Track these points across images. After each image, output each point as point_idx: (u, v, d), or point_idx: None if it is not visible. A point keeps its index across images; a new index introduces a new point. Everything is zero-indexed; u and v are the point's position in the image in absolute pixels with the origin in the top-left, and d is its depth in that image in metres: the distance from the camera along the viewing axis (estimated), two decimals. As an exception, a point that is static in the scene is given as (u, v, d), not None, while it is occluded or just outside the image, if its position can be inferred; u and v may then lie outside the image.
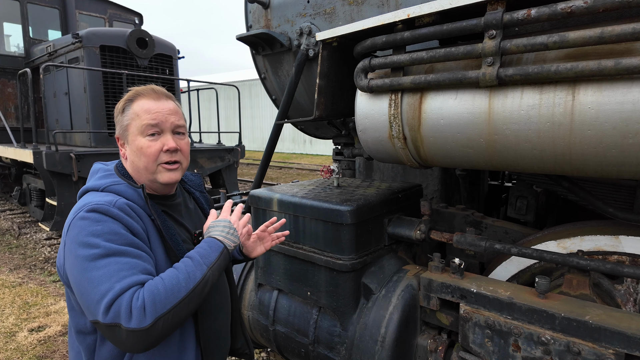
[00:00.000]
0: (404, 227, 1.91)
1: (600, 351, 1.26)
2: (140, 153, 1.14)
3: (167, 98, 1.19)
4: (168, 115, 1.15)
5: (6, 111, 7.65)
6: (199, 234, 1.29)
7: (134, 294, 0.96)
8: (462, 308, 1.58)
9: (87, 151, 5.54)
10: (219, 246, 1.12)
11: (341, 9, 2.41)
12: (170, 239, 1.16)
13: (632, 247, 1.59)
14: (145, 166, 1.15)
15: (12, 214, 7.96)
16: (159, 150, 1.14)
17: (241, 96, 9.82)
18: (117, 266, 0.98)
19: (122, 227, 1.04)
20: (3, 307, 4.02)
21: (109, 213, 1.04)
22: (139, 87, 1.19)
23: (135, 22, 9.11)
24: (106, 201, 1.06)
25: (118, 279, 0.96)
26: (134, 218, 1.08)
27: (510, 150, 1.42)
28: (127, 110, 1.16)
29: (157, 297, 0.96)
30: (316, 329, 1.91)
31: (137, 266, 1.01)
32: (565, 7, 1.17)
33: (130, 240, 1.04)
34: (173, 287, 0.99)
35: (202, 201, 1.44)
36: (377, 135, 1.75)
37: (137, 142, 1.14)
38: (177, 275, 1.02)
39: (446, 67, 1.55)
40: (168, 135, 1.16)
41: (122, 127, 1.17)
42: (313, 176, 13.35)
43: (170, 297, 0.98)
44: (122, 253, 1.00)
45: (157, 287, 0.98)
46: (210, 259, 1.08)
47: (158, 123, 1.14)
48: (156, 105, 1.15)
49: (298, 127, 3.41)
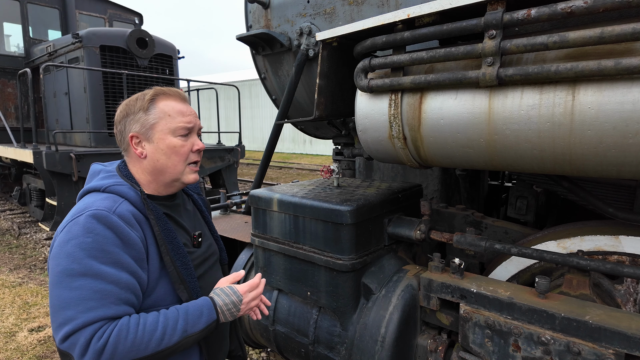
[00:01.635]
0: (404, 227, 1.91)
1: (600, 351, 1.26)
2: (172, 152, 1.14)
3: (187, 101, 1.23)
4: (195, 118, 1.19)
5: (6, 111, 7.65)
6: (198, 235, 1.28)
7: (96, 332, 0.93)
8: (462, 308, 1.58)
9: (87, 151, 5.54)
10: (211, 318, 1.08)
11: (341, 9, 2.41)
12: (171, 242, 1.13)
13: (632, 247, 1.59)
14: (175, 165, 1.16)
15: (12, 214, 7.96)
16: (190, 150, 1.17)
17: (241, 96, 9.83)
18: (88, 293, 0.95)
19: (114, 240, 1.01)
20: (3, 307, 4.01)
21: (106, 220, 1.01)
22: (160, 87, 1.19)
23: (135, 22, 9.11)
24: (106, 206, 1.04)
25: (85, 309, 0.94)
26: (133, 226, 1.06)
27: (510, 151, 1.42)
28: (152, 109, 1.14)
29: (122, 345, 0.93)
30: (316, 329, 1.91)
31: (110, 295, 0.97)
32: (565, 7, 1.17)
33: (115, 259, 1.00)
34: (142, 343, 0.96)
35: (200, 203, 1.43)
36: (377, 135, 1.75)
37: (169, 141, 1.14)
38: (153, 330, 0.98)
39: (446, 67, 1.54)
40: (194, 136, 1.19)
41: (146, 126, 1.14)
42: (313, 176, 13.35)
43: (136, 350, 0.95)
44: (99, 276, 0.97)
45: (127, 333, 0.95)
46: (196, 327, 1.05)
47: (193, 126, 1.17)
48: (187, 108, 1.18)
49: (298, 127, 3.41)
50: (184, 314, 1.05)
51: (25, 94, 7.22)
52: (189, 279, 1.15)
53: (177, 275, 1.11)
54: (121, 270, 1.00)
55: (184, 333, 1.02)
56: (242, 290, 1.17)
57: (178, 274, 1.12)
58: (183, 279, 1.12)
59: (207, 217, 1.43)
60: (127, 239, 1.03)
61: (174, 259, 1.12)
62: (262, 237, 2.12)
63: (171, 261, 1.11)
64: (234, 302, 1.13)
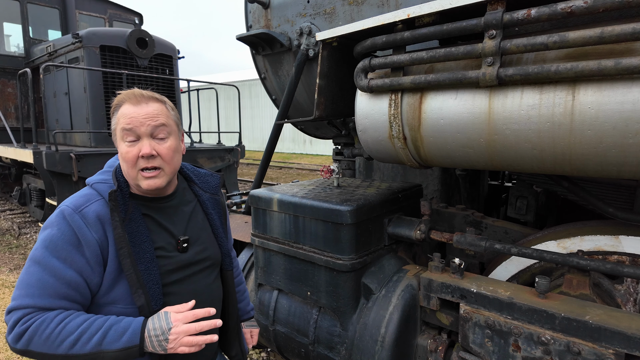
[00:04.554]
0: (404, 227, 1.91)
1: (600, 351, 1.26)
2: (122, 159, 1.12)
3: (148, 101, 1.13)
4: (144, 119, 1.10)
5: (6, 111, 7.64)
6: (183, 240, 1.21)
7: (23, 317, 1.01)
8: (462, 308, 1.58)
9: (87, 151, 5.53)
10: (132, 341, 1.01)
11: (341, 9, 2.41)
12: (136, 245, 1.10)
13: (632, 247, 1.59)
14: (127, 172, 1.13)
15: (12, 214, 7.96)
16: (136, 156, 1.10)
17: (241, 96, 9.82)
18: (33, 280, 1.03)
19: (70, 238, 1.06)
20: (3, 307, 4.02)
21: (70, 218, 1.07)
22: (124, 91, 1.15)
23: (135, 22, 9.10)
24: (76, 204, 1.10)
25: (25, 294, 1.02)
26: (93, 228, 1.08)
27: (510, 150, 1.42)
28: (114, 115, 1.14)
29: (37, 337, 0.99)
30: (316, 329, 1.91)
31: (49, 288, 1.03)
32: (565, 7, 1.17)
33: (65, 256, 1.05)
34: (54, 341, 0.99)
35: (208, 205, 1.35)
36: (377, 135, 1.75)
37: (120, 147, 1.12)
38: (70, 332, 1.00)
39: (446, 67, 1.55)
40: (145, 140, 1.11)
41: (113, 132, 1.17)
42: (313, 176, 13.35)
43: (46, 346, 0.99)
44: (47, 268, 1.04)
45: (46, 328, 0.99)
46: (113, 346, 1.00)
47: (132, 128, 1.10)
48: (134, 109, 1.11)
49: (298, 127, 3.41)
50: (107, 328, 1.02)
51: (25, 94, 7.22)
52: (150, 285, 1.10)
53: (135, 278, 1.08)
54: (68, 267, 1.05)
55: (98, 346, 1.00)
56: (175, 318, 1.05)
57: (137, 277, 1.08)
58: (142, 283, 1.08)
59: (214, 220, 1.35)
60: (85, 239, 1.07)
61: (136, 262, 1.08)
62: (262, 237, 2.12)
63: (131, 264, 1.08)
64: (163, 330, 1.03)
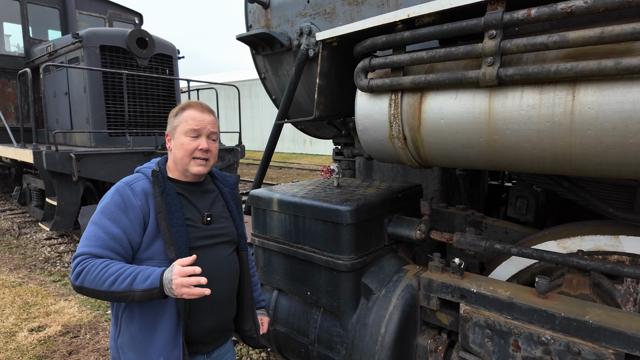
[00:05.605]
0: (404, 227, 1.91)
1: (600, 351, 1.26)
2: (181, 147, 1.49)
3: (209, 112, 1.55)
4: (207, 124, 1.51)
5: (6, 111, 7.64)
6: (207, 215, 1.54)
7: (82, 261, 1.33)
8: (462, 308, 1.58)
9: (87, 151, 5.53)
10: (153, 284, 1.30)
11: (341, 8, 2.41)
12: (171, 212, 1.42)
13: (632, 247, 1.59)
14: (182, 158, 1.49)
15: (12, 214, 7.97)
16: (195, 148, 1.49)
17: (241, 96, 9.82)
18: (91, 235, 1.37)
19: (120, 204, 1.40)
20: (3, 307, 4.02)
21: (122, 190, 1.43)
22: (190, 100, 1.59)
23: (135, 22, 9.09)
24: (127, 181, 1.46)
25: (84, 245, 1.36)
26: (138, 197, 1.42)
27: (510, 150, 1.42)
28: (179, 115, 1.52)
29: (87, 276, 1.31)
30: (316, 329, 1.91)
31: (101, 240, 1.36)
32: (565, 7, 1.17)
33: (115, 217, 1.39)
34: (100, 280, 1.29)
35: (228, 196, 1.68)
36: (377, 135, 1.75)
37: (181, 139, 1.49)
38: (110, 274, 1.30)
39: (446, 67, 1.54)
40: (203, 138, 1.51)
41: (173, 127, 1.52)
42: (313, 176, 13.35)
43: (94, 283, 1.30)
44: (100, 226, 1.38)
45: (93, 270, 1.30)
46: (141, 286, 1.30)
47: (199, 128, 1.49)
48: (200, 115, 1.51)
49: (298, 127, 3.41)
50: (136, 273, 1.31)
51: (25, 94, 7.21)
52: (180, 243, 1.40)
53: (168, 237, 1.39)
54: (116, 226, 1.38)
55: (129, 286, 1.29)
56: (174, 272, 1.32)
57: (170, 236, 1.39)
58: (174, 241, 1.39)
59: (232, 208, 1.67)
60: (131, 205, 1.41)
61: (170, 224, 1.40)
62: (262, 237, 2.12)
63: (166, 225, 1.40)
64: (169, 279, 1.30)
